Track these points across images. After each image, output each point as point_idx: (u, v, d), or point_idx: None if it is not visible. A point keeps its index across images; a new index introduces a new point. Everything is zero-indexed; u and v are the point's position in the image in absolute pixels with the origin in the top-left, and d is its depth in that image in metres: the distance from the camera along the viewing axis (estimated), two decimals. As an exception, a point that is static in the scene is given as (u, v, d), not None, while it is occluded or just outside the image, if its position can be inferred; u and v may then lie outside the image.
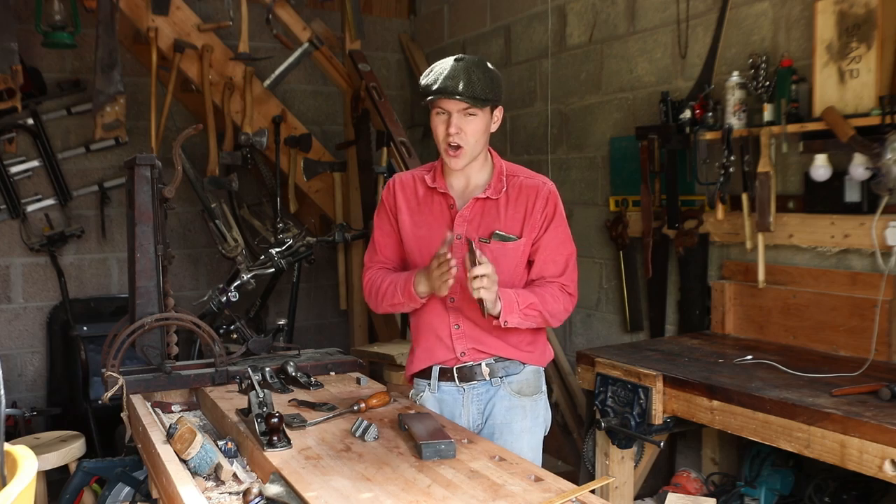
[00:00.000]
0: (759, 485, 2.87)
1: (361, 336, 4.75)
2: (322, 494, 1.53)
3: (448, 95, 1.97)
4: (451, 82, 1.97)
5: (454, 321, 2.13)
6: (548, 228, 2.12)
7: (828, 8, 2.72)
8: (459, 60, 2.01)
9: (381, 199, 2.25)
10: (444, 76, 1.98)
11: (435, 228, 2.12)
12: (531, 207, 2.10)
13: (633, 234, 3.65)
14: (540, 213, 2.10)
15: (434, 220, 2.14)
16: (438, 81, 1.99)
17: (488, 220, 2.10)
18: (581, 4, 4.02)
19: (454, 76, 1.97)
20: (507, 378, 2.14)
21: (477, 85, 1.98)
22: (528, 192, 2.11)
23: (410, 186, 2.20)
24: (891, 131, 2.47)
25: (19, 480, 0.96)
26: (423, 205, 2.16)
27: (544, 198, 2.11)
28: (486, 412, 2.16)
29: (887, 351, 2.65)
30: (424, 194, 2.17)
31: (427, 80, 2.03)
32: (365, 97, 4.44)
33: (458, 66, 1.99)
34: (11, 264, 4.43)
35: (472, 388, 2.15)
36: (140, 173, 2.53)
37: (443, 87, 1.98)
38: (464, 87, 1.97)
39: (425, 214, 2.16)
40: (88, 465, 2.56)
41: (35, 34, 4.07)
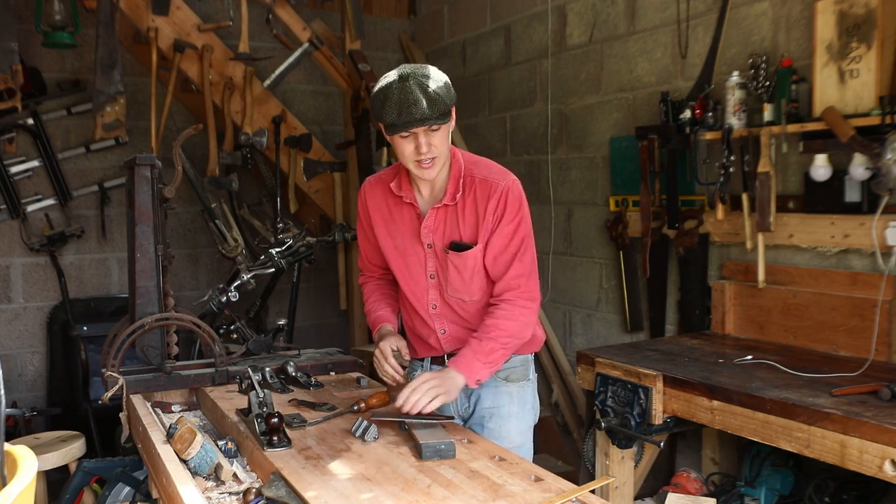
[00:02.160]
0: (759, 485, 2.87)
1: (361, 336, 4.75)
2: (322, 494, 1.53)
3: (419, 125, 1.87)
4: (416, 109, 1.85)
5: (440, 327, 2.17)
6: (497, 227, 2.03)
7: (828, 8, 2.72)
8: (406, 79, 1.87)
9: (357, 209, 2.24)
10: (405, 104, 1.85)
11: (407, 238, 2.12)
12: (483, 209, 2.03)
13: (633, 234, 3.65)
14: (492, 214, 2.03)
15: (405, 229, 2.12)
16: (402, 113, 1.86)
17: (450, 227, 2.06)
18: (581, 4, 4.02)
19: (415, 101, 1.85)
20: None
21: (438, 101, 1.87)
22: (482, 192, 2.04)
23: (380, 193, 2.16)
24: (891, 131, 2.47)
25: (19, 480, 0.97)
26: (393, 212, 2.14)
27: (496, 197, 2.02)
28: (472, 398, 2.20)
29: (887, 351, 2.65)
30: (393, 202, 2.13)
31: (387, 113, 1.88)
32: (365, 97, 4.44)
33: (411, 86, 1.86)
34: (11, 264, 4.43)
35: None
36: (140, 173, 2.53)
37: (410, 118, 1.86)
38: (430, 109, 1.86)
39: (397, 223, 2.13)
40: (88, 465, 2.56)
41: (35, 34, 4.07)
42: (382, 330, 2.19)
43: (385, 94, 1.89)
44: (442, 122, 1.90)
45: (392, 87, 1.88)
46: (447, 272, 2.09)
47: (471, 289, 2.10)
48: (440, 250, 2.08)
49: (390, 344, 2.11)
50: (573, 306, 4.14)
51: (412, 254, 2.12)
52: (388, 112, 1.88)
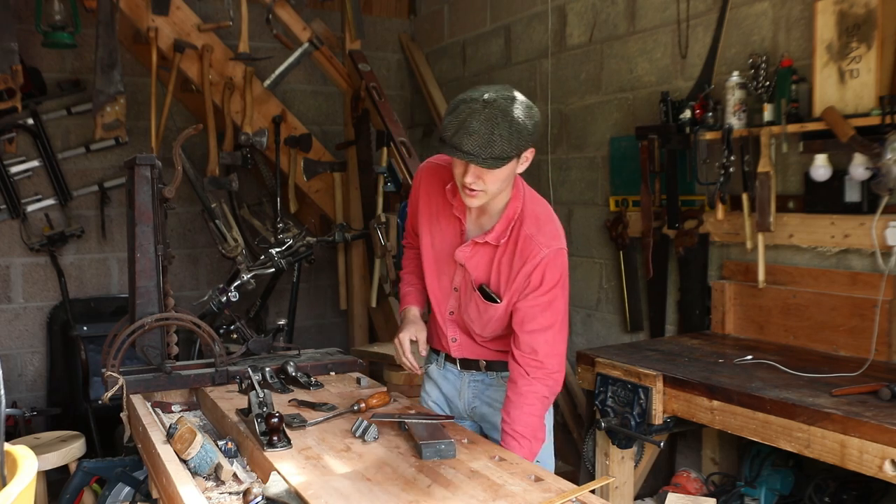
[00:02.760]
0: (759, 485, 2.87)
1: (361, 336, 4.75)
2: (322, 494, 1.53)
3: (462, 157, 1.76)
4: (468, 141, 1.73)
5: (452, 334, 2.16)
6: (527, 297, 1.95)
7: (828, 8, 2.72)
8: (486, 105, 1.73)
9: (412, 186, 2.19)
10: (463, 129, 1.73)
11: (446, 246, 2.06)
12: (518, 269, 1.94)
13: (633, 234, 3.65)
14: (524, 279, 1.94)
15: (447, 236, 2.06)
16: (456, 135, 1.74)
17: (485, 265, 2.00)
18: (581, 4, 4.02)
19: (472, 132, 1.72)
20: (501, 373, 2.16)
21: (496, 145, 1.73)
22: (524, 250, 1.93)
23: (436, 187, 2.06)
24: (891, 131, 2.47)
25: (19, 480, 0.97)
26: (441, 213, 2.06)
27: (533, 263, 1.92)
28: (482, 398, 2.21)
29: (887, 351, 2.65)
30: (444, 204, 2.04)
31: (447, 125, 1.77)
32: (365, 97, 4.44)
33: (483, 115, 1.72)
34: (11, 264, 4.43)
35: (471, 376, 2.21)
36: (140, 173, 2.53)
37: (458, 146, 1.74)
38: (480, 149, 1.73)
39: (441, 224, 2.07)
40: (88, 465, 2.56)
41: (35, 34, 4.07)
42: (408, 314, 2.17)
43: (457, 106, 1.77)
44: (490, 167, 1.77)
45: (469, 103, 1.75)
46: (469, 304, 2.06)
47: (485, 329, 2.09)
48: (469, 278, 2.03)
49: (409, 335, 2.09)
50: (573, 306, 4.14)
51: (445, 262, 2.08)
52: (448, 124, 1.77)
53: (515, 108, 1.76)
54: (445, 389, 2.25)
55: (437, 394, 2.27)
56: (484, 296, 2.00)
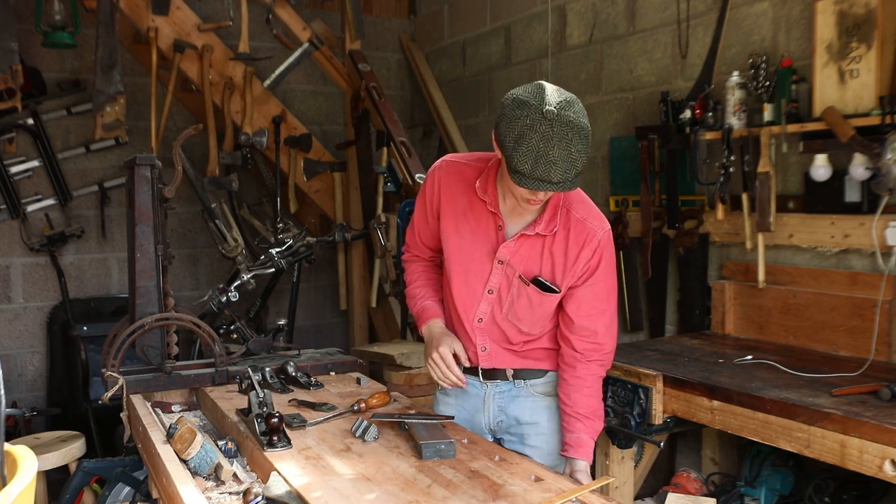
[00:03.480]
0: (759, 485, 2.87)
1: (361, 336, 4.75)
2: (322, 494, 1.53)
3: (550, 189, 1.69)
4: (554, 171, 1.64)
5: (482, 343, 2.04)
6: (587, 282, 1.93)
7: (828, 8, 2.72)
8: (552, 122, 1.63)
9: (424, 181, 2.04)
10: (542, 160, 1.64)
11: (479, 245, 1.95)
12: (575, 255, 1.90)
13: (633, 234, 3.65)
14: (583, 264, 1.91)
15: (479, 236, 1.95)
16: (537, 169, 1.65)
17: (534, 257, 1.92)
18: (581, 4, 4.02)
19: (556, 161, 1.64)
20: (529, 381, 2.09)
21: (577, 163, 1.66)
22: (577, 234, 1.90)
23: (459, 186, 1.97)
24: (891, 131, 2.47)
25: (19, 480, 0.97)
26: (468, 214, 1.96)
27: (592, 247, 1.90)
28: (508, 411, 2.11)
29: (887, 351, 2.65)
30: (472, 201, 1.95)
31: (519, 160, 1.66)
32: (365, 97, 4.44)
33: (556, 135, 1.63)
34: (11, 264, 4.43)
35: (496, 386, 2.09)
36: (140, 173, 2.53)
37: (544, 180, 1.66)
38: (565, 174, 1.65)
39: (470, 223, 1.96)
40: (88, 465, 2.56)
41: (35, 34, 4.07)
42: (433, 327, 2.05)
43: (522, 134, 1.65)
44: (574, 188, 1.72)
45: (533, 127, 1.64)
46: (517, 300, 1.96)
47: (535, 325, 2.01)
48: (514, 275, 1.94)
49: (449, 348, 1.97)
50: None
51: (477, 262, 1.96)
52: (520, 159, 1.65)
53: (574, 112, 1.67)
54: (467, 405, 2.12)
55: (457, 412, 2.12)
56: (541, 288, 1.93)
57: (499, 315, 1.99)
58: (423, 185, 2.05)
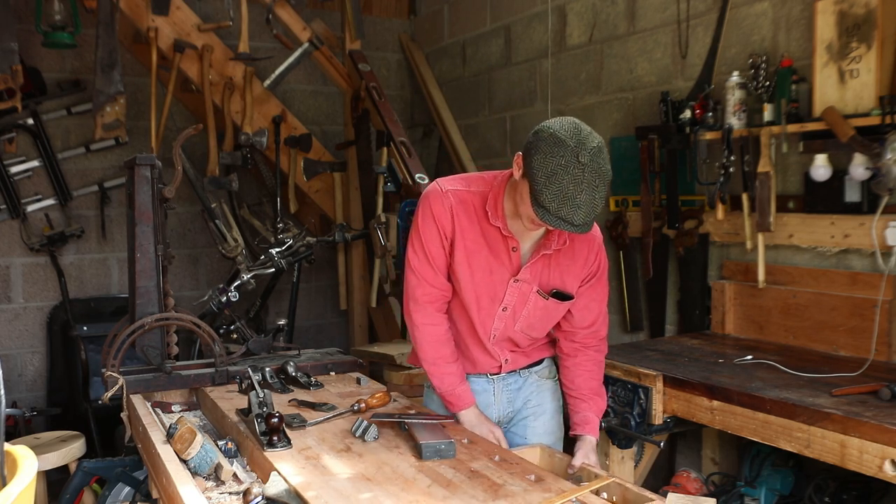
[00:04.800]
0: (759, 485, 2.87)
1: (361, 336, 4.75)
2: (322, 494, 1.53)
3: (570, 230, 1.75)
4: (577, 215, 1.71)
5: (503, 356, 2.13)
6: (589, 282, 2.07)
7: (828, 8, 2.72)
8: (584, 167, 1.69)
9: (432, 210, 1.97)
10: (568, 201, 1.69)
11: (496, 271, 1.98)
12: (582, 260, 2.03)
13: (633, 234, 3.65)
14: (588, 267, 2.05)
15: (495, 262, 1.98)
16: (562, 208, 1.70)
17: (545, 270, 2.00)
18: (581, 4, 4.02)
19: (582, 206, 1.70)
20: (533, 368, 2.22)
21: (598, 207, 1.74)
22: (582, 243, 2.01)
23: (469, 217, 1.97)
24: (891, 131, 2.47)
25: (19, 480, 0.97)
26: (480, 239, 1.97)
27: (594, 251, 2.04)
28: (517, 400, 2.21)
29: (887, 351, 2.65)
30: (483, 227, 1.97)
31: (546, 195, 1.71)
32: (365, 97, 4.44)
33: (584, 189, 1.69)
34: (11, 264, 4.43)
35: (502, 379, 2.18)
36: (140, 173, 2.53)
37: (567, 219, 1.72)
38: (587, 217, 1.73)
39: (483, 251, 1.97)
40: (88, 465, 2.56)
41: (35, 34, 4.07)
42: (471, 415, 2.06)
43: (555, 173, 1.69)
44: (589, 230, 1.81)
45: (567, 168, 1.69)
46: (533, 313, 2.04)
47: (545, 330, 2.14)
48: (530, 290, 2.00)
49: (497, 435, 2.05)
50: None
51: (490, 284, 1.99)
52: (548, 196, 1.70)
53: (603, 159, 1.73)
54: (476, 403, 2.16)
55: None
56: (560, 298, 2.03)
57: (511, 328, 2.07)
58: (429, 217, 1.99)
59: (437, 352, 2.06)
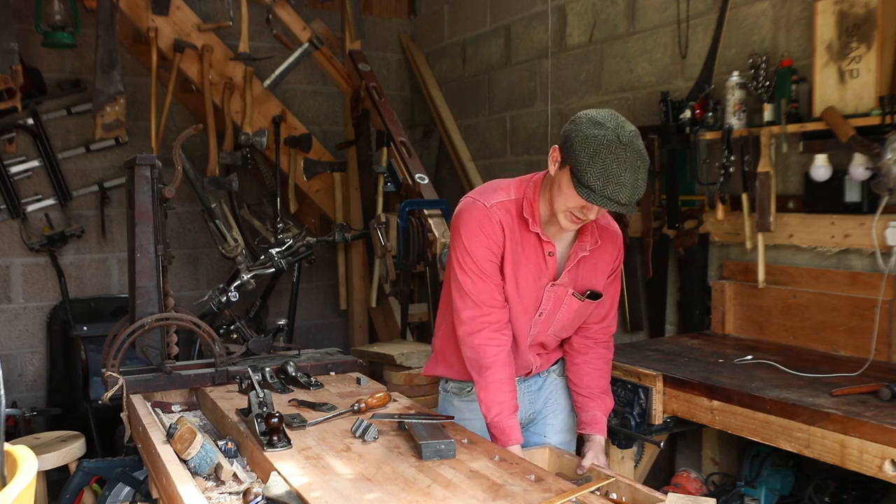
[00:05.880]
0: (759, 485, 2.87)
1: (361, 336, 4.75)
2: (322, 494, 1.53)
3: (611, 207, 1.76)
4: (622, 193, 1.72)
5: (537, 361, 2.16)
6: (610, 277, 2.10)
7: (828, 8, 2.72)
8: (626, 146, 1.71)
9: (483, 233, 1.94)
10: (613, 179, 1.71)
11: (532, 276, 1.98)
12: (609, 258, 2.06)
13: (633, 234, 3.65)
14: (613, 264, 2.08)
15: (532, 266, 1.98)
16: (607, 187, 1.71)
17: (581, 272, 2.03)
18: (581, 4, 4.03)
19: (626, 184, 1.72)
20: (551, 367, 2.25)
21: (640, 189, 1.75)
22: (607, 241, 2.04)
23: (514, 224, 1.97)
24: (891, 131, 2.47)
25: (19, 480, 0.97)
26: (520, 245, 1.97)
27: (618, 247, 2.08)
28: (538, 400, 2.23)
29: (887, 351, 2.65)
30: (522, 234, 1.97)
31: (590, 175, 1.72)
32: (365, 97, 4.44)
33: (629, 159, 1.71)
34: (11, 264, 4.43)
35: (524, 381, 2.19)
36: (140, 173, 2.53)
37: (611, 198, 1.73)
38: (631, 197, 1.74)
39: (525, 257, 1.97)
40: (88, 465, 2.56)
41: (35, 34, 4.07)
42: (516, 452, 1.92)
43: (597, 151, 1.72)
44: (632, 212, 1.85)
45: (609, 147, 1.71)
46: (567, 315, 2.06)
47: (575, 328, 2.15)
48: (565, 294, 2.01)
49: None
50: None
51: (531, 291, 1.99)
52: (592, 174, 1.72)
53: (640, 143, 1.77)
54: None
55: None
56: (593, 298, 2.05)
57: (544, 333, 2.09)
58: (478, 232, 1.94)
59: (492, 364, 1.96)
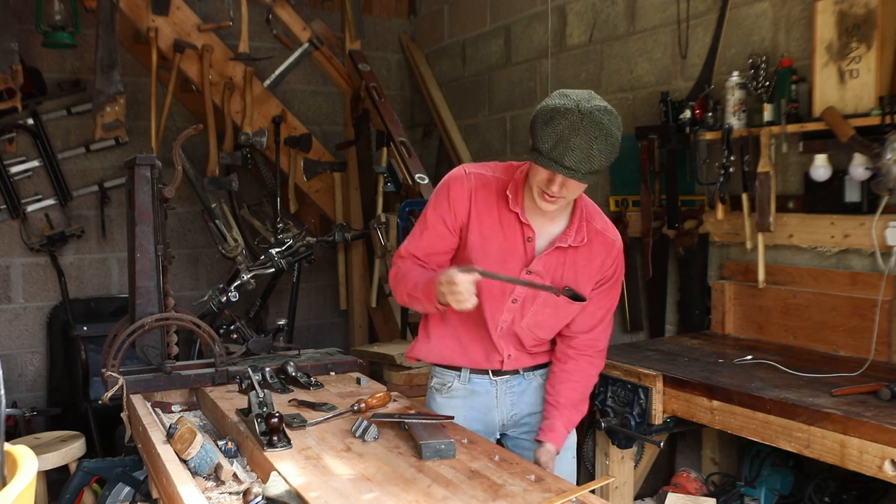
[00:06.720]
0: (759, 485, 2.87)
1: (361, 336, 4.75)
2: (322, 494, 1.53)
3: (562, 172, 1.74)
4: (570, 157, 1.71)
5: (507, 352, 2.09)
6: (602, 287, 2.04)
7: (828, 8, 2.72)
8: (585, 115, 1.70)
9: (448, 190, 1.97)
10: (563, 143, 1.71)
11: (507, 257, 1.96)
12: (599, 264, 2.00)
13: (633, 234, 3.65)
14: (603, 271, 2.02)
15: (507, 247, 1.96)
16: (555, 150, 1.72)
17: (559, 267, 1.97)
18: (581, 4, 4.03)
19: (575, 148, 1.70)
20: (537, 371, 2.17)
21: (595, 160, 1.72)
22: (600, 246, 1.99)
23: (490, 198, 1.95)
24: (891, 131, 2.47)
25: (19, 480, 0.97)
26: (497, 225, 1.96)
27: (613, 256, 2.02)
28: (521, 403, 2.16)
29: (887, 351, 2.65)
30: (501, 212, 1.95)
31: (543, 138, 1.73)
32: (365, 97, 4.44)
33: (584, 127, 1.70)
34: (11, 264, 4.43)
35: (506, 382, 2.14)
36: (140, 173, 2.53)
37: (558, 161, 1.72)
38: (581, 164, 1.72)
39: (499, 235, 1.96)
40: (88, 465, 2.56)
41: (35, 34, 4.07)
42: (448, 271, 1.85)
43: (552, 117, 1.73)
44: (587, 182, 1.78)
45: (565, 115, 1.71)
46: (542, 310, 2.01)
47: (554, 331, 2.08)
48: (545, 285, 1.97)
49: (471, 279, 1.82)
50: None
51: (502, 270, 1.95)
52: (543, 137, 1.73)
53: (608, 119, 1.74)
54: (476, 403, 2.14)
55: (465, 413, 2.12)
56: (572, 297, 1.97)
57: (518, 323, 2.03)
58: (444, 195, 1.97)
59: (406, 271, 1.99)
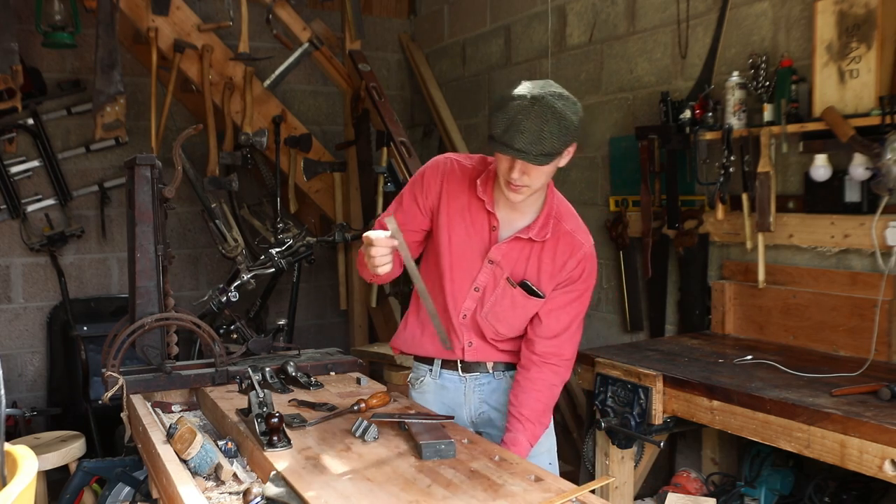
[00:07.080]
0: (759, 485, 2.87)
1: (361, 336, 4.75)
2: (322, 494, 1.53)
3: (513, 154, 1.76)
4: (519, 139, 1.74)
5: (467, 339, 2.10)
6: (564, 288, 2.03)
7: (828, 8, 2.72)
8: (535, 101, 1.74)
9: (424, 172, 2.04)
10: (513, 126, 1.74)
11: (472, 243, 2.00)
12: (562, 264, 2.00)
13: (633, 234, 3.65)
14: (567, 273, 2.01)
15: (473, 233, 2.00)
16: (506, 133, 1.75)
17: (524, 262, 2.00)
18: (581, 4, 4.03)
19: (525, 131, 1.73)
20: (508, 371, 2.16)
21: (546, 142, 1.75)
22: (566, 246, 2.00)
23: (462, 184, 2.00)
24: (891, 131, 2.48)
25: (19, 480, 0.97)
26: (465, 210, 2.00)
27: (576, 261, 2.00)
28: (490, 402, 2.17)
29: (887, 351, 2.65)
30: (471, 199, 2.00)
31: (496, 123, 1.78)
32: (365, 97, 4.44)
33: (532, 112, 1.73)
34: (11, 264, 4.43)
35: (475, 379, 2.16)
36: (140, 173, 2.53)
37: (508, 143, 1.75)
38: (531, 146, 1.74)
39: (465, 221, 2.00)
40: (88, 465, 2.56)
41: (35, 34, 4.07)
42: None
43: (504, 104, 1.78)
44: (538, 164, 1.78)
45: (516, 101, 1.76)
46: (500, 301, 2.02)
47: (512, 328, 2.07)
48: (501, 276, 2.00)
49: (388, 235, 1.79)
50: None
51: (467, 259, 2.01)
52: (496, 122, 1.77)
53: (562, 104, 1.77)
54: (446, 399, 2.18)
55: (436, 408, 2.15)
56: (528, 291, 1.99)
57: (479, 313, 2.05)
58: (420, 176, 2.05)
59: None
